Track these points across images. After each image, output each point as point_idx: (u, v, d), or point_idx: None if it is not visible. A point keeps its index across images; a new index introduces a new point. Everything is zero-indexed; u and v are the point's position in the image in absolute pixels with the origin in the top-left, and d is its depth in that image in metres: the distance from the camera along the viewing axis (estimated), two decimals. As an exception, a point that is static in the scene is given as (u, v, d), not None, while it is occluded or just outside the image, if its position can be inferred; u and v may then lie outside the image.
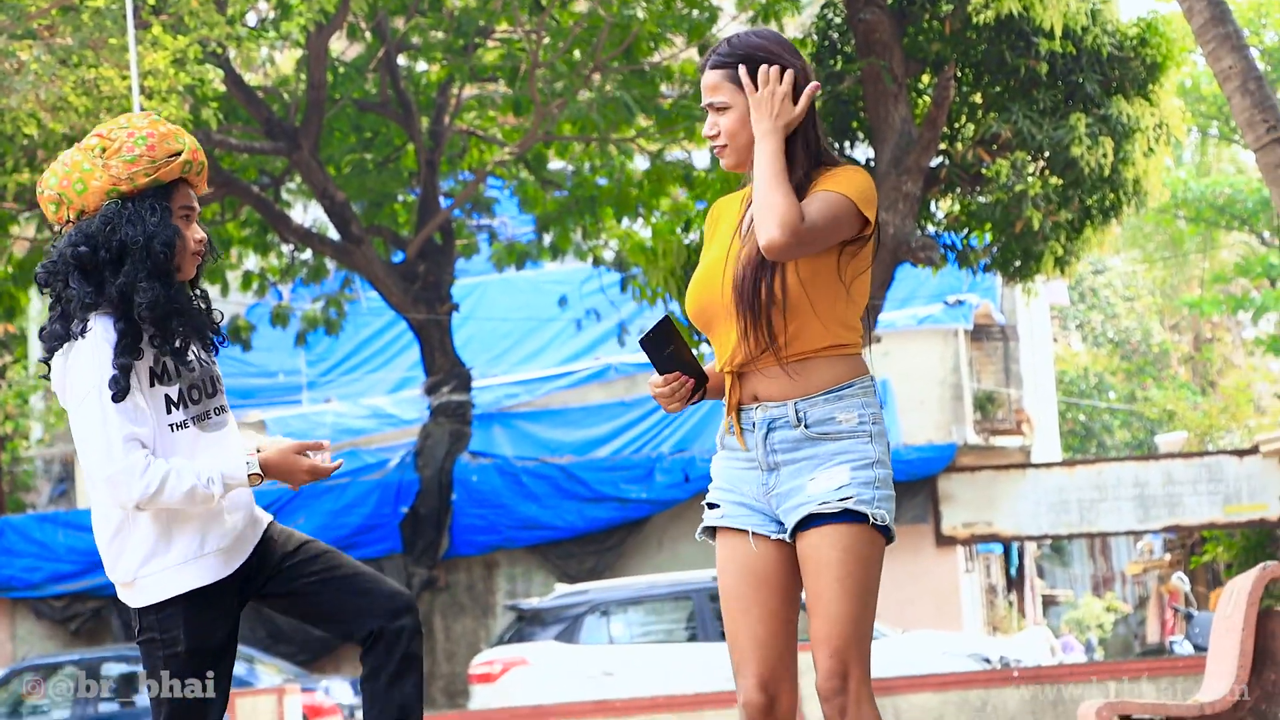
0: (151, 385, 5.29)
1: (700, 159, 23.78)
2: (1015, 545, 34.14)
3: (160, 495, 5.20)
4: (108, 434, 5.18)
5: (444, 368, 23.75)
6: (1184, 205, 40.65)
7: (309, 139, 21.78)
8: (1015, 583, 35.55)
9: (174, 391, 5.35)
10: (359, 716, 19.48)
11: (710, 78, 5.01)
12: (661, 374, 5.04)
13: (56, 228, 5.39)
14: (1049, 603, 45.08)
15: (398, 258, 24.00)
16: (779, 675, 4.95)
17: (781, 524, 4.97)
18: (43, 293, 5.39)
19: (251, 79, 23.78)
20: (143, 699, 19.92)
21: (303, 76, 22.70)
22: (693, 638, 18.68)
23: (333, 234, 23.85)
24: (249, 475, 5.44)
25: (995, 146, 19.85)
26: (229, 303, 27.18)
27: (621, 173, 22.71)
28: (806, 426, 4.92)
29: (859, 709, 4.91)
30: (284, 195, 24.29)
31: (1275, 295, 39.19)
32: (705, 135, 5.10)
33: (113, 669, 20.38)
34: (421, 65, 24.20)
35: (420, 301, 23.22)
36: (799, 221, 4.80)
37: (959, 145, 20.37)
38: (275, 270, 25.21)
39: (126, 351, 5.21)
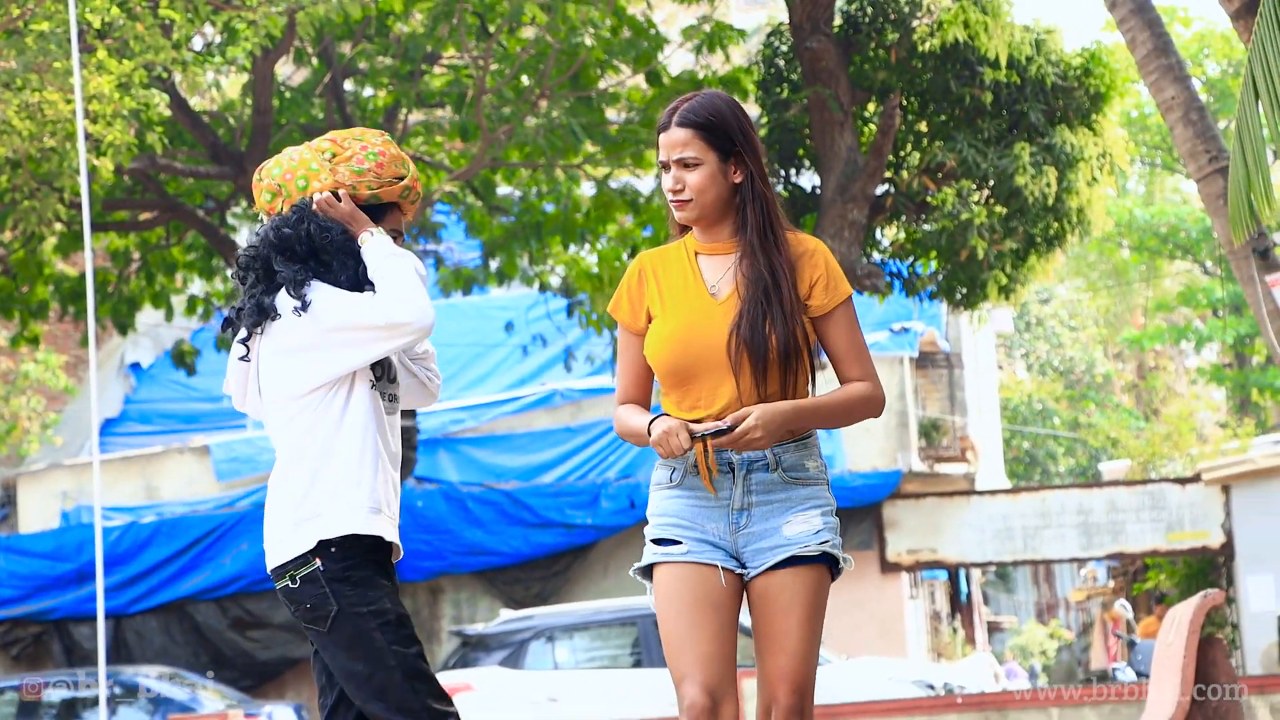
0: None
1: (646, 185, 23.78)
2: (960, 572, 34.23)
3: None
4: (398, 287, 5.43)
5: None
6: (1128, 234, 40.90)
7: (255, 163, 21.54)
8: (961, 609, 35.61)
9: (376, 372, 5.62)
10: (301, 742, 19.52)
11: (678, 135, 5.23)
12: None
13: (261, 216, 5.57)
14: (993, 629, 45.16)
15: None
16: (724, 685, 5.09)
17: (739, 562, 5.21)
18: (240, 277, 5.59)
19: (197, 104, 23.70)
20: None
21: (249, 101, 22.61)
22: (638, 663, 18.70)
23: (278, 259, 23.73)
24: None
25: (940, 175, 19.94)
26: (173, 328, 27.10)
27: (568, 199, 22.66)
28: (784, 471, 5.20)
29: None
30: (229, 220, 24.16)
31: (1219, 325, 39.44)
32: (668, 189, 5.28)
33: (53, 695, 20.36)
34: (368, 91, 24.06)
35: (366, 327, 23.09)
36: (878, 392, 5.43)
37: (905, 173, 20.45)
38: (220, 295, 25.08)
39: None
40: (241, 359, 5.64)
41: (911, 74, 20.00)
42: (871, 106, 20.57)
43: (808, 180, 21.17)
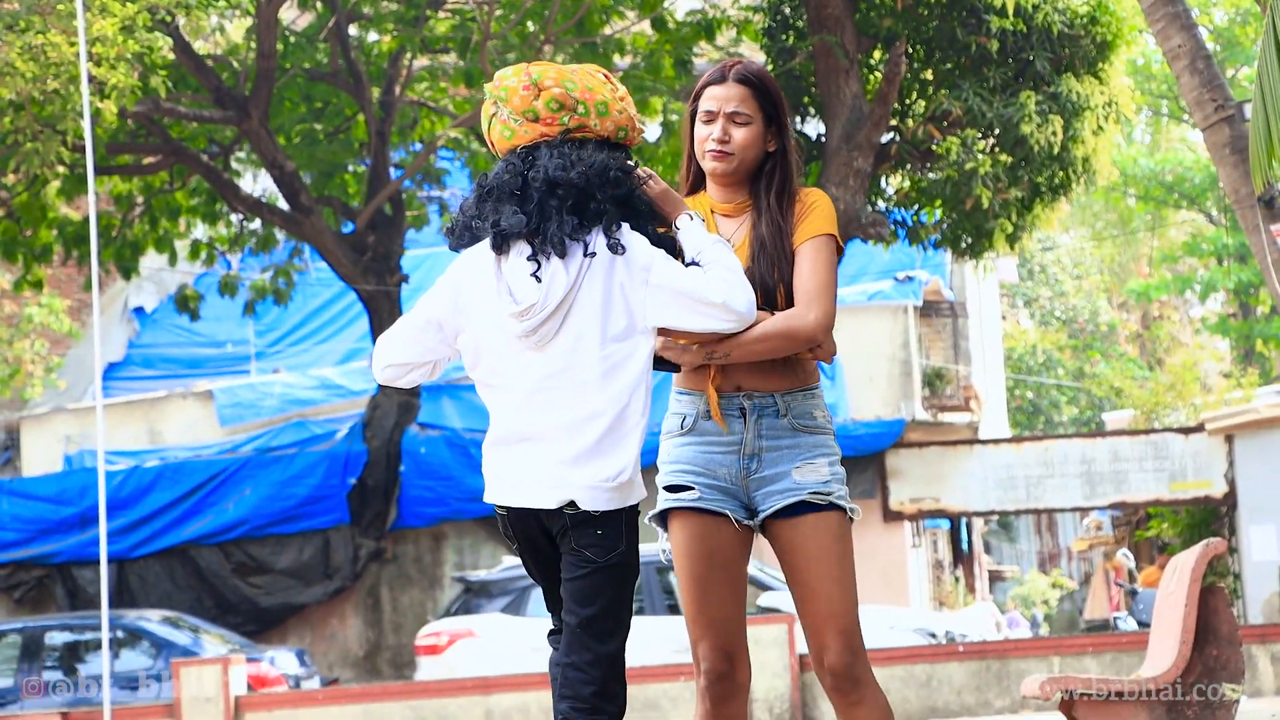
0: None
1: (650, 132, 23.74)
2: (963, 521, 34.28)
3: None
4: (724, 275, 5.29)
5: (393, 339, 23.68)
6: (1133, 183, 40.81)
7: (258, 108, 21.69)
8: (963, 558, 35.68)
9: None
10: (304, 686, 19.52)
11: (735, 90, 5.44)
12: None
13: (512, 122, 5.29)
14: (995, 578, 45.24)
15: (347, 228, 23.93)
16: (737, 646, 5.30)
17: (747, 508, 5.37)
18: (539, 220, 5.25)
19: (201, 47, 23.71)
20: (86, 668, 19.93)
21: (252, 45, 22.59)
22: (640, 611, 18.72)
23: (282, 204, 23.79)
24: None
25: (946, 123, 19.94)
26: (177, 272, 27.11)
27: (572, 146, 22.66)
28: (792, 418, 5.36)
29: (869, 675, 5.35)
30: (233, 164, 24.23)
31: (1222, 272, 39.38)
32: (713, 139, 5.43)
33: (56, 638, 20.38)
34: (373, 35, 24.11)
35: (370, 272, 23.15)
36: (798, 324, 5.30)
37: (910, 122, 20.45)
38: (224, 240, 25.14)
39: None
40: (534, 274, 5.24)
41: (918, 21, 19.98)
42: (877, 54, 20.55)
43: (813, 128, 21.18)
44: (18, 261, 23.87)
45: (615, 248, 5.18)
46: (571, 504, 5.16)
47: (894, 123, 20.39)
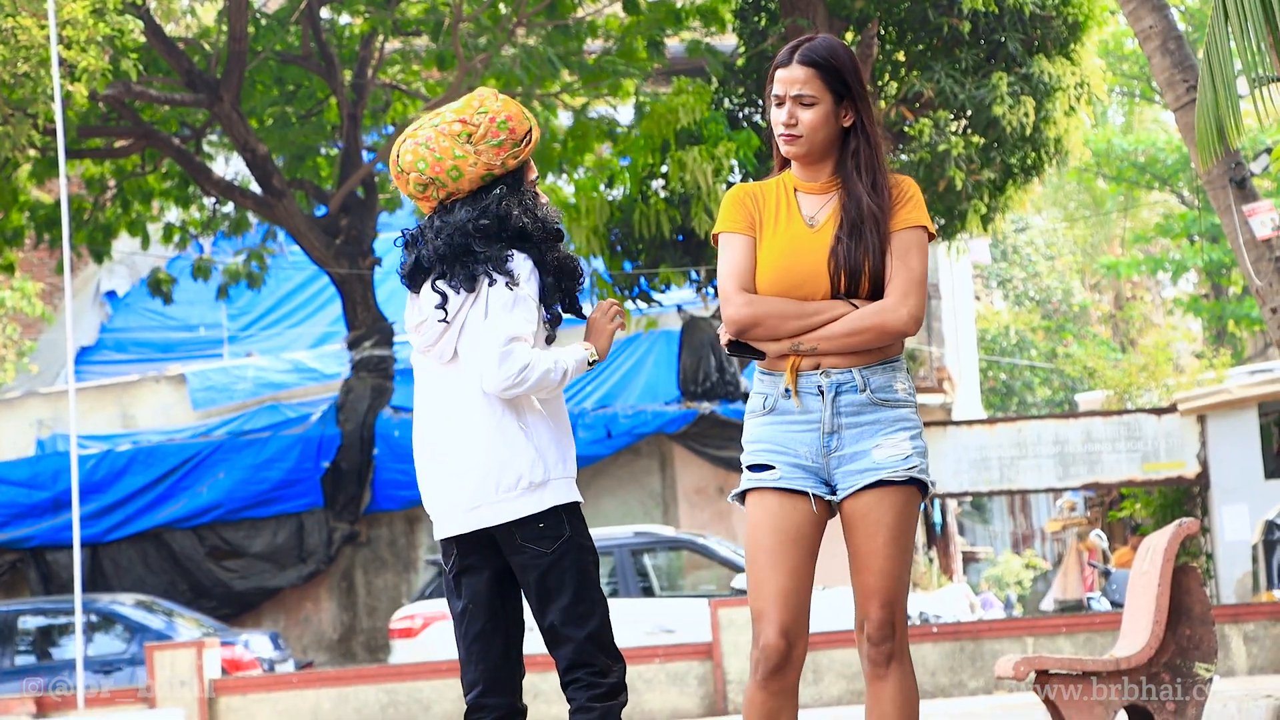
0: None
1: (624, 115, 23.74)
2: (936, 502, 34.30)
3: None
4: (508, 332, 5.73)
5: (366, 322, 23.71)
6: (1106, 164, 40.84)
7: (230, 91, 21.68)
8: (936, 540, 35.70)
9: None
10: (278, 670, 19.49)
11: (798, 72, 5.39)
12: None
13: (412, 204, 5.83)
14: (969, 559, 45.26)
15: (320, 211, 23.92)
16: (799, 626, 5.30)
17: (829, 485, 5.38)
18: (439, 270, 5.83)
19: (172, 30, 23.65)
20: (60, 652, 19.91)
21: (224, 28, 22.56)
22: (614, 593, 18.70)
23: (254, 187, 23.77)
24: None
25: (918, 105, 20.00)
26: (150, 255, 27.06)
27: (545, 128, 22.68)
28: (871, 392, 5.36)
29: (904, 654, 5.37)
30: (205, 148, 24.19)
31: (1194, 251, 39.44)
32: (782, 123, 5.39)
33: (29, 622, 20.37)
34: (345, 18, 24.10)
35: (342, 256, 23.15)
36: (888, 319, 5.36)
37: (882, 104, 20.47)
38: (196, 223, 25.11)
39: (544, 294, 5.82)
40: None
41: (889, 3, 20.02)
42: (849, 36, 20.52)
43: None
44: None
45: (507, 283, 5.74)
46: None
47: None
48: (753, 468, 5.37)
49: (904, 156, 20.18)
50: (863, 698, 16.79)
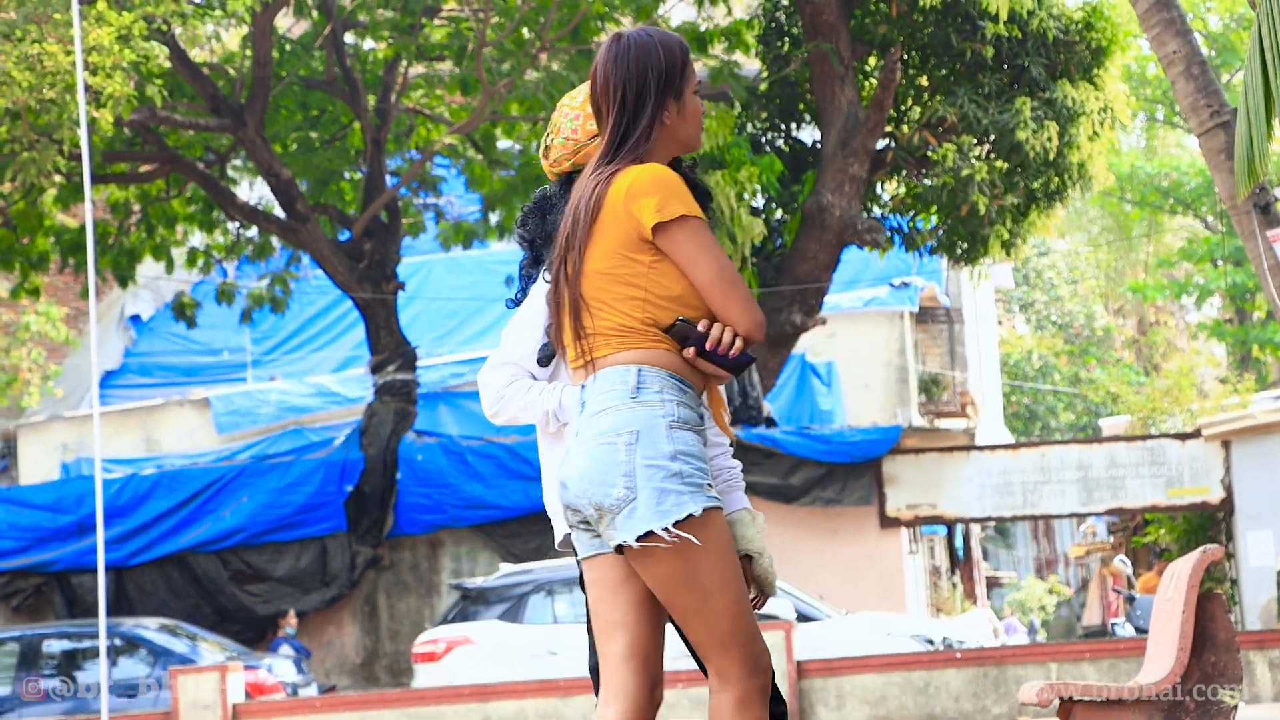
0: None
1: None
2: (960, 527, 34.32)
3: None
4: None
5: (389, 346, 23.71)
6: (1129, 188, 40.88)
7: (254, 116, 21.77)
8: (960, 564, 35.75)
9: None
10: (301, 694, 19.54)
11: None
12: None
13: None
14: (992, 584, 45.33)
15: (344, 236, 23.98)
16: None
17: None
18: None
19: (197, 55, 23.76)
20: (84, 676, 20.00)
21: (248, 53, 22.66)
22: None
23: (278, 211, 23.86)
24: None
25: (941, 130, 20.08)
26: (174, 280, 27.18)
27: (569, 152, 22.73)
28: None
29: None
30: (229, 172, 24.30)
31: (1218, 274, 39.42)
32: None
33: (54, 646, 20.37)
34: (369, 43, 24.21)
35: (366, 280, 23.20)
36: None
37: (905, 128, 20.64)
38: (221, 247, 25.22)
39: None
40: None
41: (913, 28, 20.14)
42: (872, 61, 20.74)
43: (808, 135, 21.32)
44: (15, 269, 24.03)
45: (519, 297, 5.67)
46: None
47: (889, 129, 20.57)
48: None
49: (927, 181, 20.26)
50: None
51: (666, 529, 4.82)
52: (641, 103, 5.00)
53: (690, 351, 4.91)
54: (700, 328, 4.92)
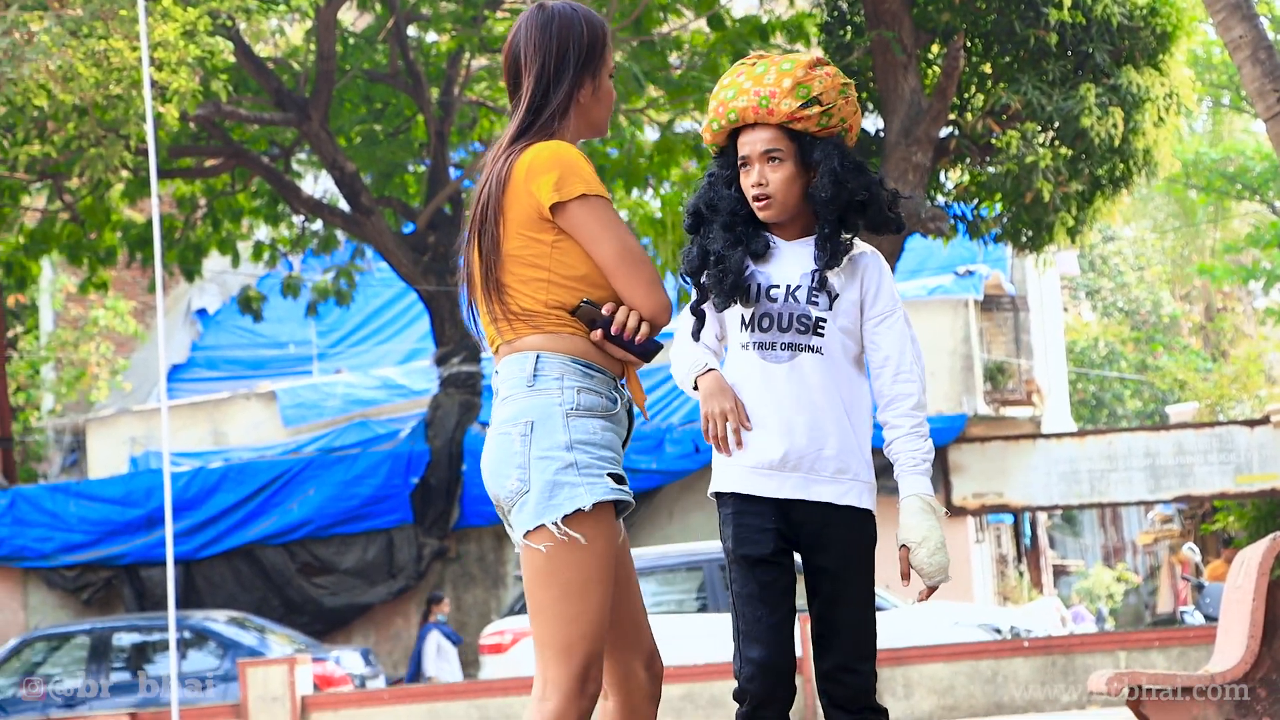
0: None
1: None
2: (1026, 515, 34.28)
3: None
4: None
5: (454, 339, 23.82)
6: (1195, 174, 40.71)
7: (319, 110, 21.90)
8: (1027, 553, 35.69)
9: (746, 314, 5.31)
10: (369, 685, 19.60)
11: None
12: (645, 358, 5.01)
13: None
14: (1060, 573, 45.26)
15: (408, 229, 24.08)
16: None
17: None
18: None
19: (261, 50, 23.90)
20: (154, 669, 20.12)
21: (312, 47, 22.79)
22: (703, 608, 18.75)
23: (343, 205, 23.97)
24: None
25: (1005, 117, 20.01)
26: (240, 274, 27.33)
27: (631, 144, 22.74)
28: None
29: None
30: (294, 166, 24.46)
31: (1284, 258, 39.27)
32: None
33: (124, 639, 20.51)
34: (431, 36, 24.30)
35: (430, 272, 23.31)
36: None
37: (969, 116, 20.55)
38: (286, 241, 25.36)
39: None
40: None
41: (975, 15, 19.99)
42: (935, 49, 20.59)
43: (871, 123, 21.25)
44: (83, 264, 24.28)
45: None
46: None
47: (953, 117, 20.47)
48: (614, 476, 4.87)
49: (991, 169, 20.20)
50: (953, 713, 16.80)
51: (555, 524, 4.70)
52: (560, 76, 4.88)
53: (597, 335, 4.80)
54: (605, 311, 4.80)
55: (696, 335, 5.29)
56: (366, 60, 23.12)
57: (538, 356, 4.80)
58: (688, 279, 5.32)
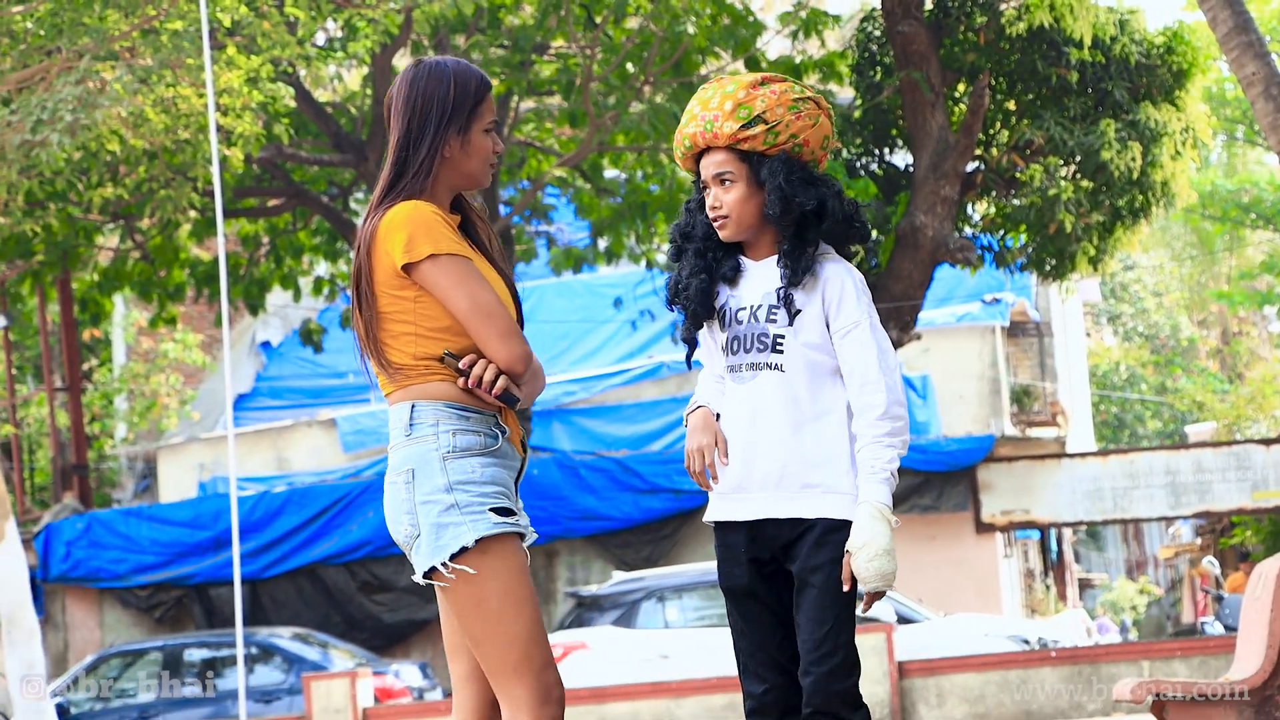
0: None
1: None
2: (1052, 531, 34.11)
3: None
4: None
5: (504, 368, 23.87)
6: (1210, 205, 40.79)
7: (375, 151, 21.99)
8: (1054, 567, 35.61)
9: (723, 339, 5.43)
10: (428, 698, 19.82)
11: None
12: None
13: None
14: (1085, 586, 45.06)
15: (459, 263, 24.07)
16: None
17: None
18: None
19: (321, 95, 24.11)
20: (223, 683, 20.53)
21: (369, 92, 22.98)
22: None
23: (397, 241, 24.05)
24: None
25: (1029, 152, 20.11)
26: (301, 307, 27.49)
27: (672, 180, 22.90)
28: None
29: None
30: (352, 205, 24.40)
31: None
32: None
33: (195, 655, 20.85)
34: (481, 79, 24.30)
35: (482, 304, 23.33)
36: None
37: (994, 151, 20.70)
38: (344, 276, 25.25)
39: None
40: None
41: (1000, 55, 20.26)
42: (961, 87, 20.82)
43: (901, 159, 21.40)
44: (153, 300, 24.50)
45: None
46: None
47: (979, 152, 20.57)
48: (498, 510, 4.83)
49: (1016, 201, 20.26)
50: None
51: (444, 564, 4.75)
52: (423, 133, 4.89)
53: (462, 382, 4.84)
54: (463, 364, 4.83)
55: (688, 362, 5.49)
56: (420, 103, 23.10)
57: (413, 406, 4.84)
58: (670, 308, 5.44)
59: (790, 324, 5.23)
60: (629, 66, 21.82)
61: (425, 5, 18.72)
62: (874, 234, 21.06)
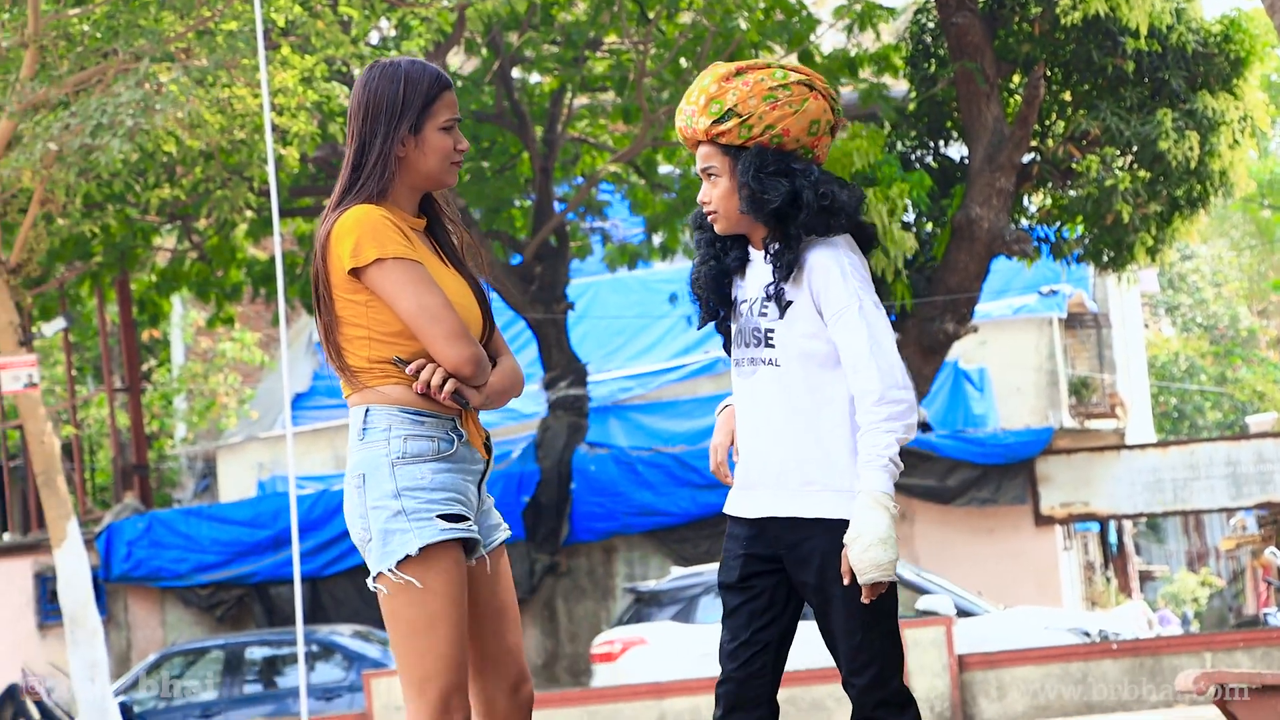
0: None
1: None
2: (1112, 523, 34.08)
3: None
4: None
5: (561, 364, 24.09)
6: (1269, 194, 40.63)
7: (429, 151, 22.08)
8: (1114, 559, 35.60)
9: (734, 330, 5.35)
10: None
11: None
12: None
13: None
14: (1145, 578, 45.02)
15: (515, 260, 24.29)
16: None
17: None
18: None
19: (374, 94, 24.24)
20: (284, 680, 20.67)
21: (422, 90, 23.11)
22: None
23: (453, 238, 24.20)
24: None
25: (1085, 142, 20.17)
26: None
27: (726, 174, 22.96)
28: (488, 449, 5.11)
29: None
30: (406, 204, 24.52)
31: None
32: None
33: (256, 653, 21.06)
34: (535, 77, 24.44)
35: (538, 301, 23.58)
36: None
37: (1050, 142, 20.75)
38: (399, 273, 25.55)
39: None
40: None
41: (1055, 46, 20.28)
42: (1016, 78, 20.85)
43: (956, 151, 21.44)
44: (211, 300, 24.71)
45: None
46: None
47: (1034, 143, 20.62)
48: (448, 516, 4.81)
49: (1072, 192, 20.33)
50: (1045, 713, 17.30)
51: (391, 570, 4.75)
52: (374, 133, 4.90)
53: (417, 386, 4.83)
54: (410, 369, 4.82)
55: (727, 351, 5.33)
56: (474, 101, 23.34)
57: (367, 410, 4.86)
58: (691, 299, 5.36)
59: (781, 317, 5.13)
60: (682, 62, 21.88)
61: (478, 3, 18.78)
62: (929, 226, 21.06)
